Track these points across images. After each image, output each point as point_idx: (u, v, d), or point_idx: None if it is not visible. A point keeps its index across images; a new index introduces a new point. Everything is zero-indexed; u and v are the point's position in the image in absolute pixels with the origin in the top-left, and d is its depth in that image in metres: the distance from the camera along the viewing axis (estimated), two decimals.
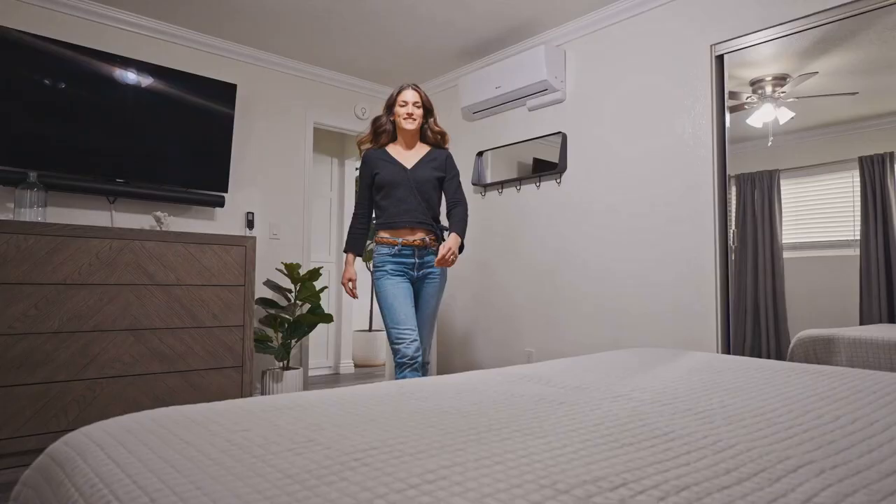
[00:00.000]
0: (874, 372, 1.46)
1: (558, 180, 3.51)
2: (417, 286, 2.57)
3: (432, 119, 2.64)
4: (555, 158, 3.53)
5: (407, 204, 2.51)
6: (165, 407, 1.00)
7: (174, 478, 0.64)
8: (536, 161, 3.68)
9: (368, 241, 2.81)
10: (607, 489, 0.60)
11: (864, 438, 0.83)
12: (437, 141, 2.65)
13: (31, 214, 2.77)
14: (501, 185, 3.88)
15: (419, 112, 2.56)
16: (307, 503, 0.56)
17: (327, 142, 5.09)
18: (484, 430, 0.84)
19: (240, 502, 0.56)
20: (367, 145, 2.64)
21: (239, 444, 0.76)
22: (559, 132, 3.51)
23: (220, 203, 3.55)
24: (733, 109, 2.79)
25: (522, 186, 3.75)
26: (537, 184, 3.64)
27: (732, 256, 2.76)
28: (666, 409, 0.99)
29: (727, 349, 2.74)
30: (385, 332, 2.63)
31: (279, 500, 0.57)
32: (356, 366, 5.18)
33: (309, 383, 4.18)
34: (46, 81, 2.96)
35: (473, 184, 4.06)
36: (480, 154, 4.04)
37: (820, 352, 2.42)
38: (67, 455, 0.76)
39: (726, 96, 2.80)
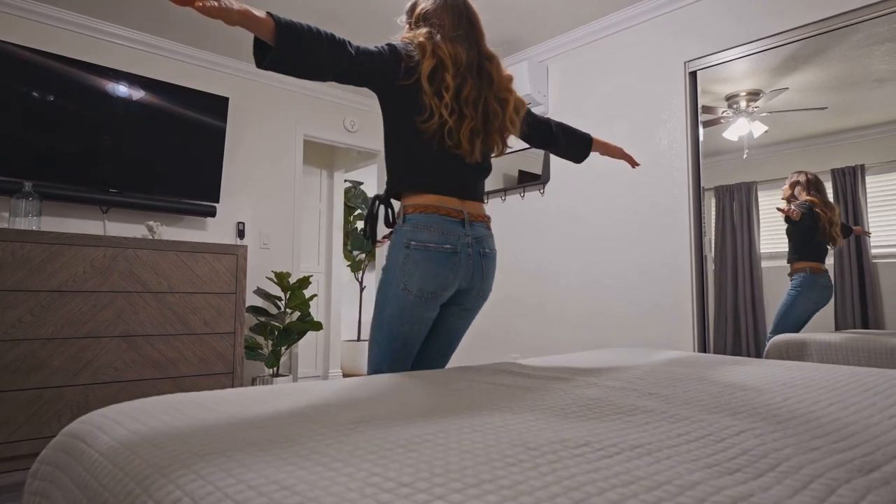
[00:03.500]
0: (833, 366, 1.56)
1: (542, 191, 3.62)
2: None
3: None
4: (538, 170, 3.64)
5: None
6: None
7: (188, 441, 0.71)
8: (521, 172, 3.79)
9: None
10: (571, 447, 0.69)
11: (805, 412, 0.92)
12: None
13: (26, 223, 2.82)
14: (487, 195, 3.98)
15: None
16: (309, 458, 0.64)
17: (317, 154, 5.17)
18: (465, 408, 0.93)
19: (250, 458, 0.64)
20: None
21: (244, 419, 0.84)
22: None
23: (212, 213, 3.61)
24: (710, 123, 2.91)
25: (507, 197, 3.85)
26: (522, 194, 3.75)
27: (712, 266, 2.86)
28: (633, 393, 1.08)
29: (703, 350, 2.84)
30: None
31: (284, 456, 0.65)
32: (344, 375, 5.23)
33: None
34: (41, 94, 3.03)
35: None
36: None
37: (793, 355, 2.53)
38: (87, 430, 0.83)
39: (699, 111, 2.92)
